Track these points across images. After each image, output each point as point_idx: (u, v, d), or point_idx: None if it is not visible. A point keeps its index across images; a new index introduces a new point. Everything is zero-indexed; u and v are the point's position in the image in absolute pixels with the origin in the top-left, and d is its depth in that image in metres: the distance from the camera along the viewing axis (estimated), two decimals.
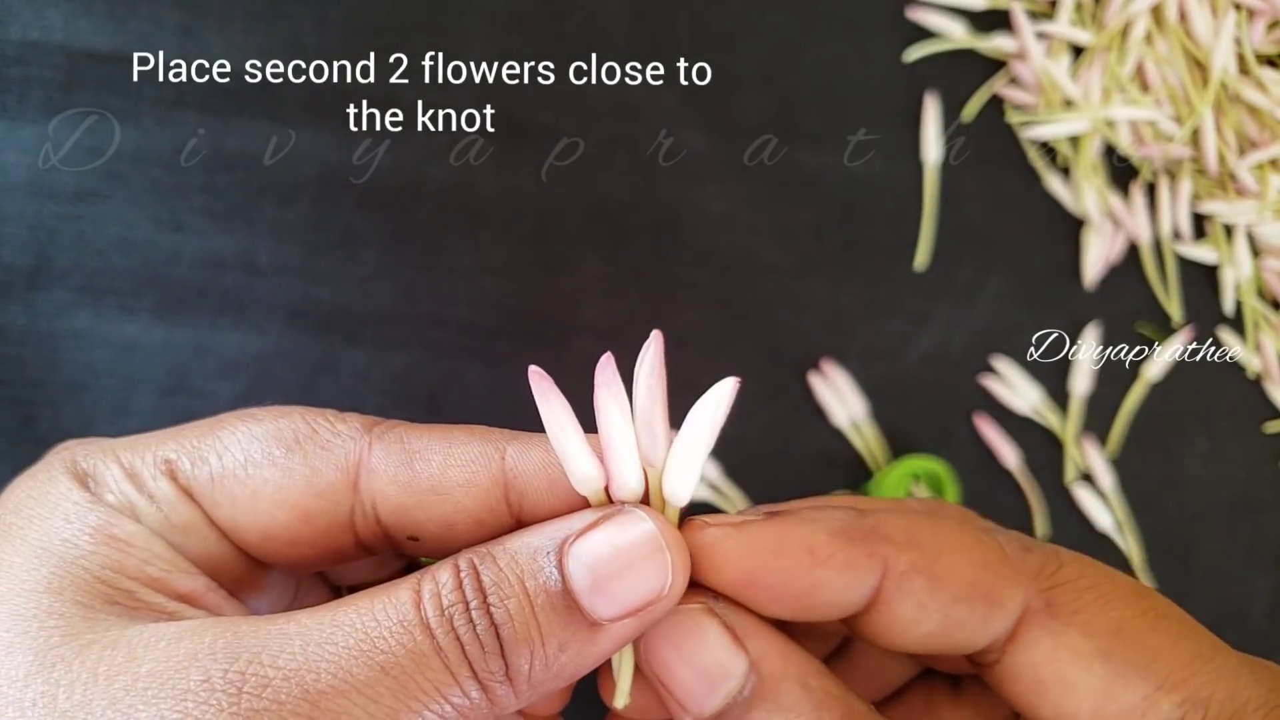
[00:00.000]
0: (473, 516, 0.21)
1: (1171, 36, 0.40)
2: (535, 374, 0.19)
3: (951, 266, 0.40)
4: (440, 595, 0.18)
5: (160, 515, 0.20)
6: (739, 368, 0.39)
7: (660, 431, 0.20)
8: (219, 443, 0.21)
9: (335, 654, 0.17)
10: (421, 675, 0.17)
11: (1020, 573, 0.20)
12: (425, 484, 0.21)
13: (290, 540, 0.21)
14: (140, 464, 0.21)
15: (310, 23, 0.38)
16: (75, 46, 0.37)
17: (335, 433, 0.21)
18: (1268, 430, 0.40)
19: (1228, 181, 0.40)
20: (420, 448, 0.21)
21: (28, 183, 0.36)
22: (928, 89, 0.40)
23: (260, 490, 0.21)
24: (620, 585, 0.19)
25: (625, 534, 0.19)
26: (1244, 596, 0.40)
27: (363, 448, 0.21)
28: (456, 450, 0.21)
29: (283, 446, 0.21)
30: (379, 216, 0.38)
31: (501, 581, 0.18)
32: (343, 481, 0.21)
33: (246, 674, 0.17)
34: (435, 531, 0.21)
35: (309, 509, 0.21)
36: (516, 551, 0.19)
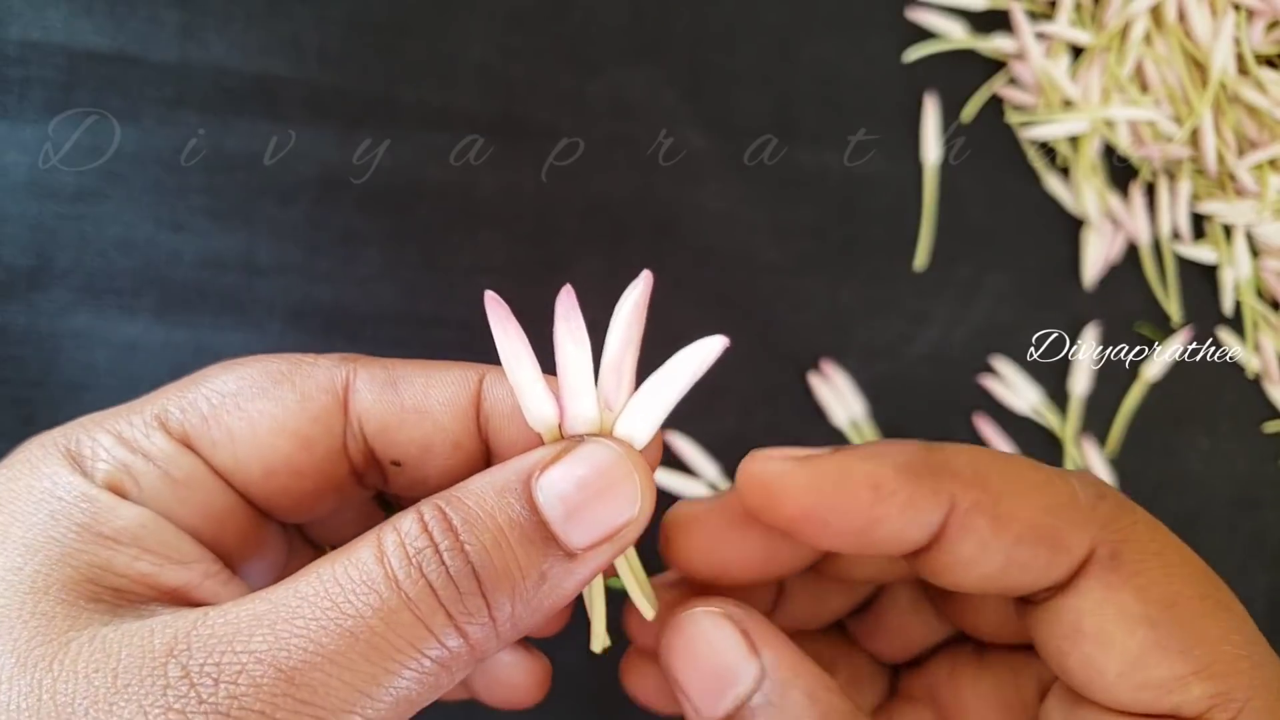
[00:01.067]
0: (450, 439, 0.21)
1: (1171, 37, 0.40)
2: (491, 300, 0.19)
3: (951, 266, 0.40)
4: (405, 544, 0.18)
5: (159, 473, 0.20)
6: (738, 367, 0.39)
7: (627, 374, 0.20)
8: (205, 388, 0.21)
9: (304, 627, 0.17)
10: (393, 633, 0.17)
11: (1089, 520, 0.20)
12: (408, 403, 0.21)
13: (292, 470, 0.21)
14: (130, 427, 0.20)
15: (310, 22, 0.38)
16: (75, 47, 0.37)
17: (318, 365, 0.22)
18: (1267, 430, 0.40)
19: (1227, 182, 0.40)
20: (402, 374, 0.22)
21: (28, 183, 0.36)
22: (927, 89, 0.40)
23: (257, 420, 0.21)
24: (593, 512, 0.19)
25: (593, 462, 0.19)
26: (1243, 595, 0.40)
27: (348, 372, 0.22)
28: (436, 374, 0.22)
29: (269, 378, 0.21)
30: (379, 216, 0.38)
31: (472, 519, 0.18)
32: (333, 404, 0.21)
33: (222, 663, 0.17)
34: (416, 454, 0.22)
35: (306, 433, 0.21)
36: (482, 490, 0.18)
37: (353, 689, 0.17)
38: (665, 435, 0.38)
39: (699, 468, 0.38)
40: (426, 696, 0.18)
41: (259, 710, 0.16)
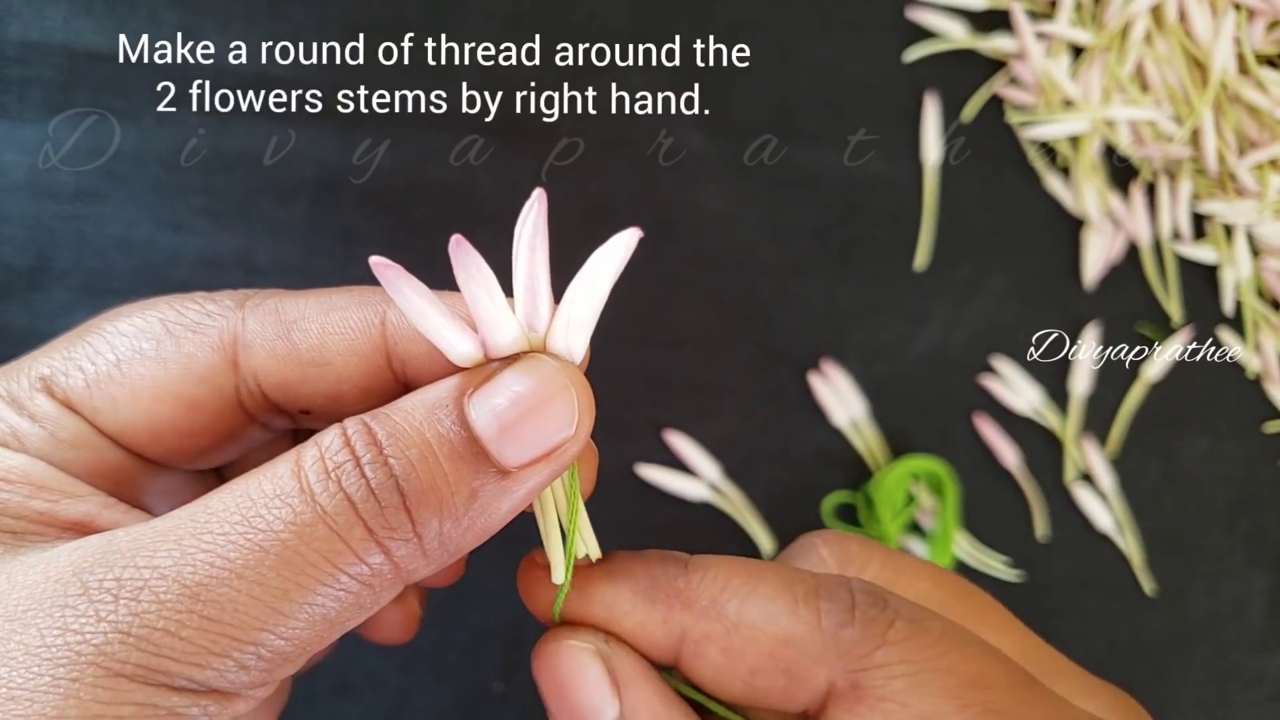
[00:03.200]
0: (358, 386, 0.20)
1: (1171, 37, 0.40)
2: (379, 264, 0.18)
3: (951, 266, 0.40)
4: (324, 458, 0.17)
5: (45, 434, 0.19)
6: (738, 367, 0.39)
7: (543, 295, 0.19)
8: (89, 348, 0.20)
9: (211, 542, 0.16)
10: (307, 547, 0.16)
11: (828, 651, 0.19)
12: (305, 355, 0.20)
13: (181, 432, 0.20)
14: (16, 387, 0.20)
15: (310, 23, 0.38)
16: (75, 46, 0.37)
17: (206, 313, 0.20)
18: (1267, 430, 0.40)
19: (1227, 181, 0.40)
20: (296, 316, 0.20)
21: (28, 183, 0.36)
22: (927, 89, 0.40)
23: (138, 387, 0.20)
24: (528, 427, 0.18)
25: (528, 376, 0.18)
26: (1243, 595, 0.40)
27: (236, 324, 0.20)
28: (334, 317, 0.20)
29: (152, 340, 0.20)
30: (379, 216, 0.38)
31: (398, 434, 0.17)
32: (220, 362, 0.20)
33: (123, 579, 0.16)
34: (323, 404, 0.20)
35: (191, 396, 0.20)
36: (412, 407, 0.18)
37: (264, 605, 0.16)
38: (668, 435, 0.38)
39: (699, 468, 0.38)
40: (348, 617, 0.17)
41: (163, 628, 0.16)
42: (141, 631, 0.16)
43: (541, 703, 0.24)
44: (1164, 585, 0.40)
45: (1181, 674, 0.39)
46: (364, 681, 0.37)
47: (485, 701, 0.37)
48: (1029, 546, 0.39)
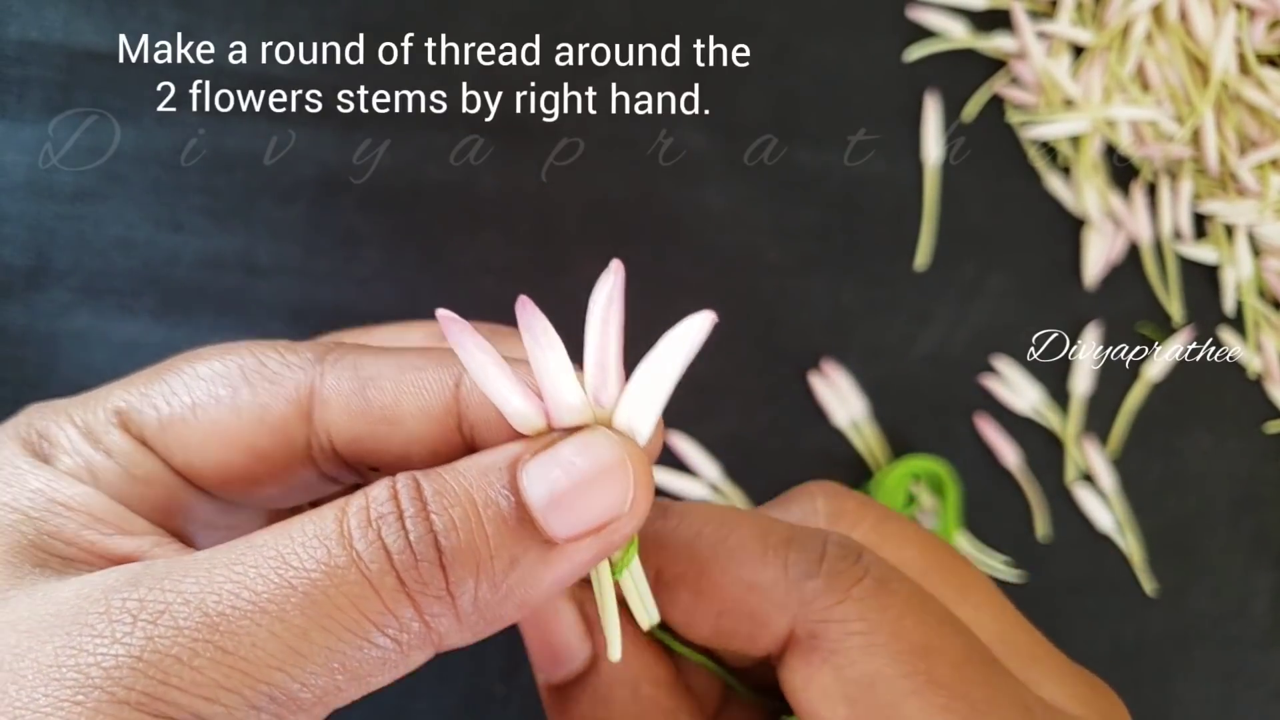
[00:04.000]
0: (427, 447, 0.20)
1: (1172, 36, 0.40)
2: (445, 318, 0.17)
3: (952, 266, 0.40)
4: (369, 508, 0.17)
5: (119, 469, 0.19)
6: (739, 367, 0.39)
7: (613, 370, 0.19)
8: (165, 387, 0.20)
9: (241, 573, 0.16)
10: (336, 590, 0.16)
11: (790, 599, 0.20)
12: (378, 413, 0.20)
13: (249, 479, 0.20)
14: (94, 419, 0.20)
15: (310, 23, 0.38)
16: (75, 46, 0.37)
17: (285, 364, 0.20)
18: (1268, 430, 0.40)
19: (1228, 181, 0.40)
20: (373, 374, 0.20)
21: (28, 183, 0.36)
22: (928, 89, 0.40)
23: (210, 432, 0.20)
24: (579, 500, 0.17)
25: (586, 448, 0.18)
26: (1245, 594, 0.40)
27: (314, 377, 0.20)
28: (410, 377, 0.20)
29: (229, 386, 0.20)
30: (379, 216, 0.38)
31: (445, 491, 0.17)
32: (294, 415, 0.20)
33: (145, 600, 0.16)
34: (392, 463, 0.20)
35: (261, 447, 0.20)
36: (465, 467, 0.17)
37: (283, 643, 0.15)
38: (665, 432, 0.38)
39: (699, 468, 0.38)
40: (371, 671, 0.16)
41: (175, 654, 0.15)
42: (153, 657, 0.15)
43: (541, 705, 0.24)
44: (1165, 585, 0.40)
45: (1184, 674, 0.39)
46: None
47: (487, 702, 0.37)
48: (1030, 547, 0.39)
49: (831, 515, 0.23)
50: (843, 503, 0.23)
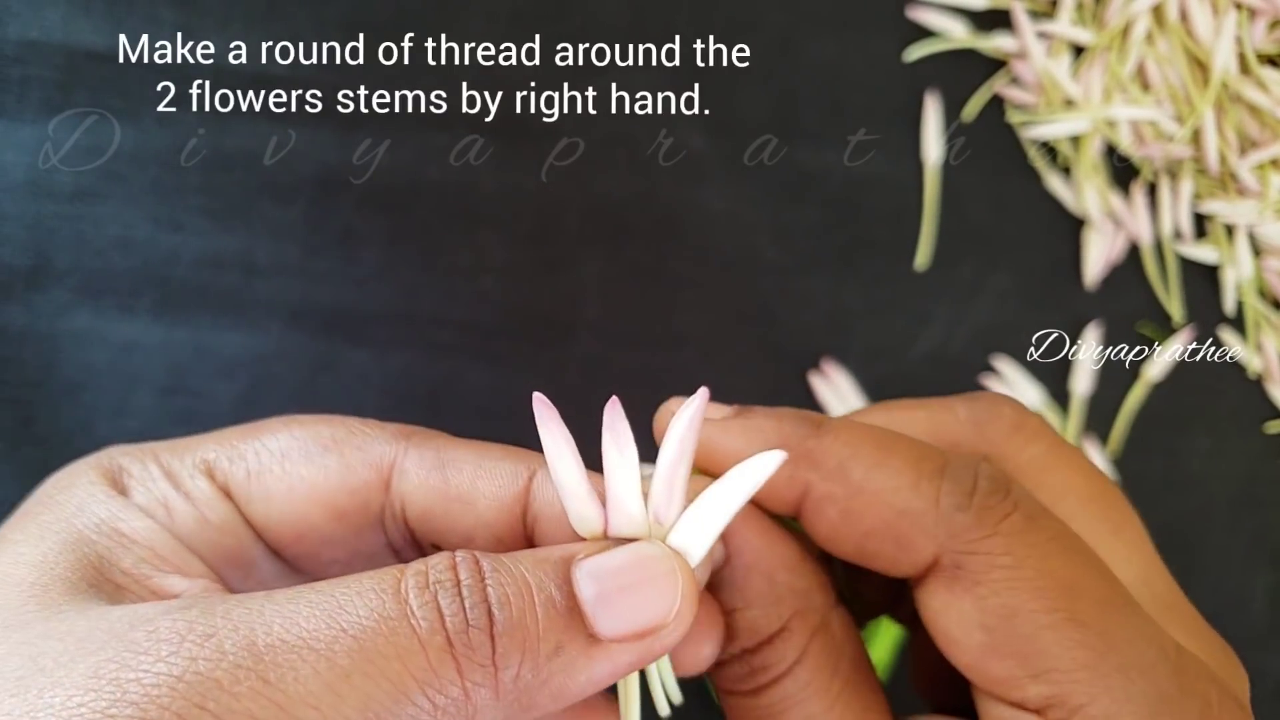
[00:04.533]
0: (493, 531, 0.21)
1: (1172, 36, 0.40)
2: (539, 402, 0.19)
3: (952, 266, 0.40)
4: (428, 572, 0.17)
5: (195, 514, 0.20)
6: (739, 367, 0.39)
7: (679, 490, 0.19)
8: (258, 442, 0.21)
9: (294, 611, 0.16)
10: (385, 640, 0.16)
11: (940, 527, 0.20)
12: (454, 491, 0.21)
13: (322, 538, 0.21)
14: (179, 464, 0.21)
15: (310, 23, 0.38)
16: (74, 46, 0.37)
17: (371, 437, 0.21)
18: (1268, 430, 0.40)
19: (1229, 181, 0.40)
20: (453, 457, 0.21)
21: (27, 183, 0.36)
22: (928, 88, 0.40)
23: (295, 486, 0.21)
24: (627, 601, 0.18)
25: (639, 555, 0.19)
26: (1244, 593, 0.40)
27: (398, 450, 0.21)
28: (488, 464, 0.21)
29: (319, 446, 0.21)
30: (379, 216, 0.37)
31: (501, 570, 0.18)
32: (376, 481, 0.21)
33: (194, 623, 0.16)
34: (457, 542, 0.21)
35: (341, 506, 0.21)
36: (522, 555, 0.18)
37: (325, 684, 0.16)
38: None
39: None
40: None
41: (216, 679, 0.15)
42: (193, 679, 0.15)
43: None
44: None
45: None
46: None
47: None
48: None
49: (1013, 426, 0.23)
50: (1025, 418, 0.24)
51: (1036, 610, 0.20)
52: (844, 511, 0.21)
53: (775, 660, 0.21)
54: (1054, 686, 0.19)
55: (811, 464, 0.21)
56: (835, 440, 0.21)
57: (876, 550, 0.21)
